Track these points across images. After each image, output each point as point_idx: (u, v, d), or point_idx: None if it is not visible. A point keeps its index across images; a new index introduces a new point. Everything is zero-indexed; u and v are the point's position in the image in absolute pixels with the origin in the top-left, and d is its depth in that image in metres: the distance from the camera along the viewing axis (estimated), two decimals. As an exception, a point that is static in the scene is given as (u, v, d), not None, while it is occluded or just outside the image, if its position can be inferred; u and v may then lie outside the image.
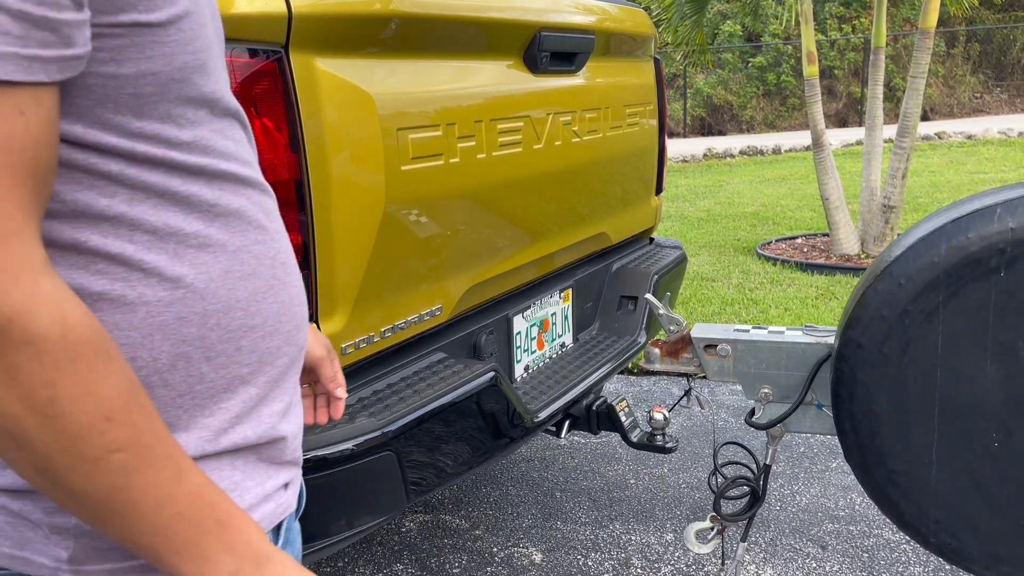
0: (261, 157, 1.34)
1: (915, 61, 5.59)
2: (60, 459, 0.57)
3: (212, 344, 0.68)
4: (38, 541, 0.66)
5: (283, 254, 0.76)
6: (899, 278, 1.51)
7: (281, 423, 0.76)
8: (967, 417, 1.52)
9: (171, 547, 0.61)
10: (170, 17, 0.63)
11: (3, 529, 0.66)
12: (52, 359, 0.55)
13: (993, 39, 17.03)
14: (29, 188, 0.55)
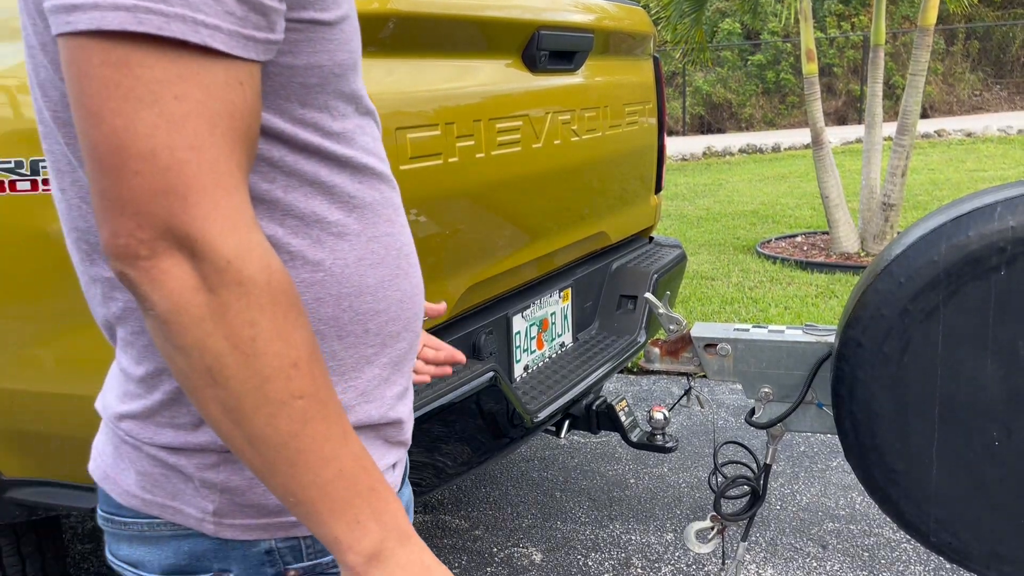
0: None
1: (914, 59, 5.59)
2: (249, 399, 0.61)
3: (344, 324, 0.74)
4: (188, 493, 0.73)
5: (407, 246, 0.82)
6: (899, 277, 1.51)
7: (398, 405, 0.81)
8: (967, 416, 1.52)
9: (328, 504, 0.64)
10: (337, 18, 0.70)
11: (159, 481, 0.74)
12: (257, 301, 0.60)
13: (992, 36, 17.03)
14: (244, 152, 0.62)
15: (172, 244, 0.58)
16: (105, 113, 0.57)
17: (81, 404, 1.49)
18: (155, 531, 0.76)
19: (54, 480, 1.59)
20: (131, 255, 0.59)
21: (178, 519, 0.74)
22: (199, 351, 0.60)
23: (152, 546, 0.76)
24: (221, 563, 0.75)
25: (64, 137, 0.69)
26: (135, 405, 0.74)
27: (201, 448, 0.72)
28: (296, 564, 0.75)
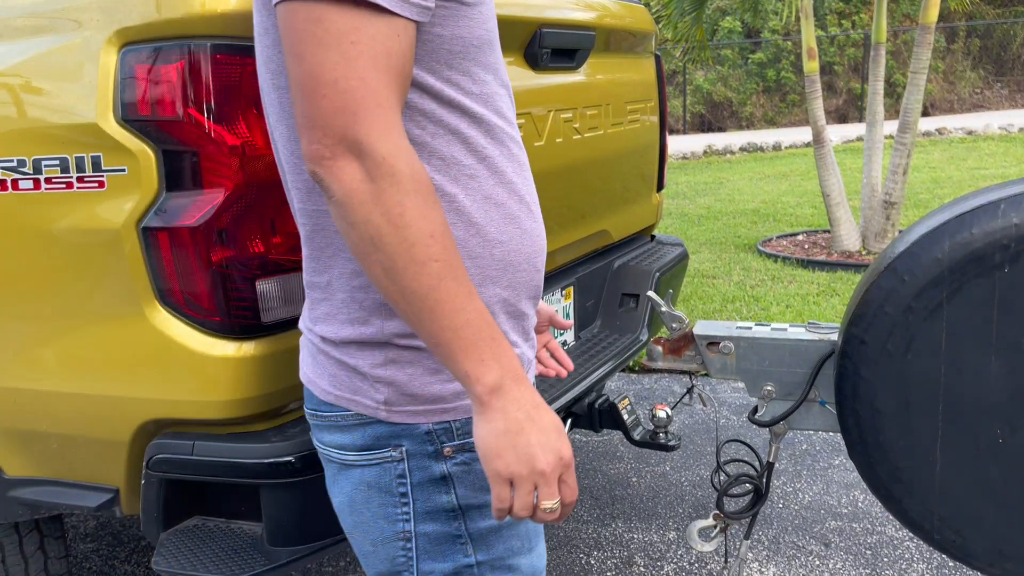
0: (262, 155, 1.33)
1: (916, 56, 5.58)
2: (400, 260, 0.83)
3: (472, 248, 0.95)
4: (366, 388, 0.96)
5: (528, 196, 1.02)
6: (903, 274, 1.50)
7: (512, 332, 1.01)
8: (971, 413, 1.52)
9: (459, 345, 0.85)
10: (476, 1, 0.92)
11: (344, 380, 0.97)
12: (404, 188, 0.82)
13: (993, 34, 17.01)
14: (398, 85, 0.84)
15: (346, 148, 0.82)
16: (305, 55, 0.81)
17: (83, 403, 1.49)
18: (347, 420, 0.99)
19: (56, 479, 1.59)
20: (319, 157, 0.82)
21: (360, 409, 0.97)
22: (364, 225, 0.82)
23: (347, 432, 0.99)
24: (396, 441, 0.97)
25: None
26: (322, 309, 0.98)
27: (369, 342, 0.95)
28: (449, 443, 0.97)
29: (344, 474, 1.01)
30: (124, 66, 1.31)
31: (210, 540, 1.47)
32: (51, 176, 1.39)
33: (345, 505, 1.03)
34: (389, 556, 1.00)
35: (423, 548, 0.99)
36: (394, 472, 0.98)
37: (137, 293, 1.37)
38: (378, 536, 1.00)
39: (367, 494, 0.99)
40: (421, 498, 0.98)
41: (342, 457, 1.01)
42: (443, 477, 0.97)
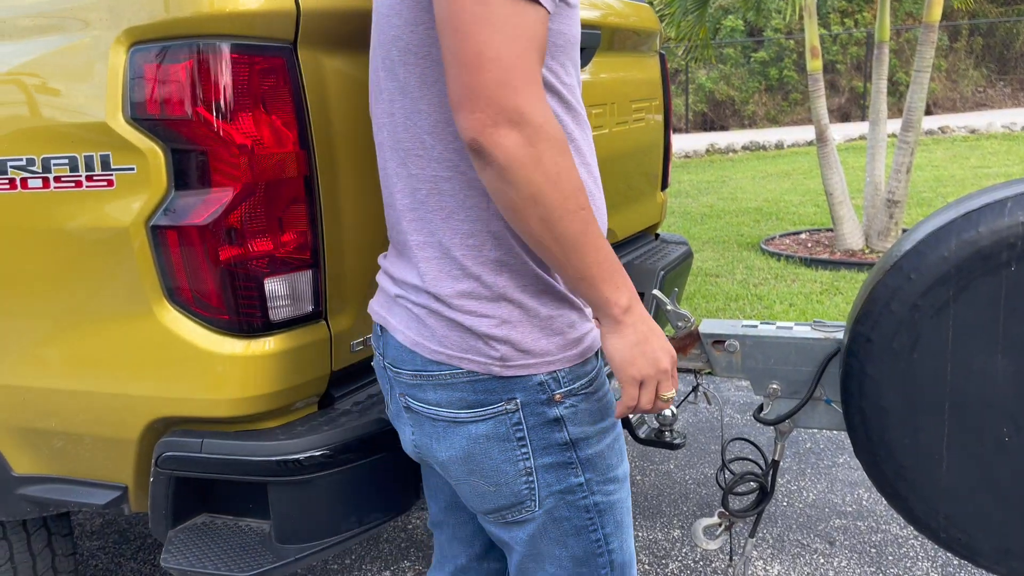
0: (270, 153, 1.34)
1: (919, 55, 5.57)
2: (556, 211, 0.97)
3: None
4: (480, 346, 1.08)
5: (597, 179, 1.19)
6: (909, 272, 1.50)
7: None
8: (978, 411, 1.52)
9: (600, 276, 1.03)
10: (576, 4, 1.08)
11: (454, 340, 1.08)
12: (558, 149, 0.96)
13: (996, 33, 16.98)
14: (540, 64, 0.97)
15: (507, 117, 0.93)
16: (472, 33, 0.92)
17: (92, 400, 1.49)
18: (455, 378, 1.09)
19: (65, 477, 1.60)
20: (482, 126, 0.93)
21: (472, 367, 1.08)
22: (526, 184, 0.95)
23: (455, 390, 1.10)
24: (508, 394, 1.09)
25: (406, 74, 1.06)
26: (433, 268, 1.09)
27: (485, 298, 1.08)
28: (558, 389, 1.11)
29: (453, 430, 1.13)
30: (133, 65, 1.31)
31: (218, 537, 1.48)
32: (60, 175, 1.39)
33: (458, 458, 1.14)
34: (514, 491, 1.15)
35: (542, 478, 1.14)
36: (509, 422, 1.11)
37: (146, 291, 1.38)
38: (501, 478, 1.14)
39: (485, 445, 1.12)
40: (537, 439, 1.12)
41: (452, 415, 1.12)
42: (556, 419, 1.13)
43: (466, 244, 1.08)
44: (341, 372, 1.54)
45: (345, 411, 1.50)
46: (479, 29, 0.92)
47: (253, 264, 1.35)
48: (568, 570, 1.20)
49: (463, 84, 0.93)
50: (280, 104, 1.34)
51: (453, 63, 0.94)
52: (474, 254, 1.08)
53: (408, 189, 1.10)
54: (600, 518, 1.20)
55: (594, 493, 1.18)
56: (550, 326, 1.10)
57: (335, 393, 1.54)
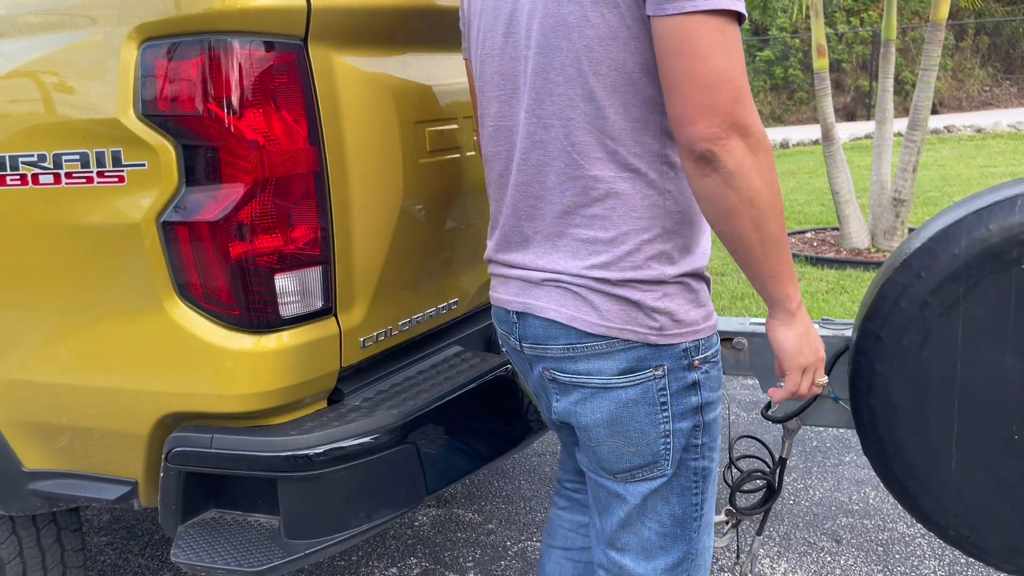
0: (281, 149, 1.34)
1: (926, 54, 5.56)
2: (768, 213, 1.11)
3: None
4: (640, 317, 1.20)
5: None
6: (919, 270, 1.50)
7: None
8: (987, 409, 1.52)
9: (787, 274, 1.19)
10: None
11: (618, 313, 1.20)
12: (770, 158, 1.10)
13: (1002, 32, 16.93)
14: None
15: (736, 130, 1.07)
16: (712, 58, 1.05)
17: (102, 396, 1.50)
18: (611, 347, 1.21)
19: (75, 472, 1.60)
20: (715, 137, 1.06)
21: (631, 336, 1.20)
22: (747, 188, 1.09)
23: (608, 359, 1.22)
24: (656, 361, 1.22)
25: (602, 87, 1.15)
26: (602, 257, 1.19)
27: (649, 281, 1.19)
28: (697, 356, 1.24)
29: (601, 395, 1.25)
30: (144, 62, 1.32)
31: (228, 533, 1.48)
32: (72, 171, 1.40)
33: (603, 421, 1.26)
34: (653, 451, 1.27)
35: (677, 440, 1.27)
36: (656, 387, 1.24)
37: (156, 287, 1.38)
38: (644, 439, 1.26)
39: (632, 409, 1.25)
40: (677, 402, 1.25)
41: (603, 382, 1.24)
42: (694, 383, 1.26)
43: (641, 239, 1.19)
44: (351, 368, 1.54)
45: (355, 407, 1.51)
46: (718, 54, 1.05)
47: (263, 260, 1.36)
48: (667, 527, 1.31)
49: (698, 101, 1.06)
50: (291, 100, 1.34)
51: (687, 82, 1.06)
52: (646, 247, 1.19)
53: (580, 188, 1.19)
54: (703, 483, 1.33)
55: (704, 457, 1.31)
56: (696, 299, 1.24)
57: (344, 389, 1.54)
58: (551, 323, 1.24)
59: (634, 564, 1.33)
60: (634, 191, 1.18)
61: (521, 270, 1.28)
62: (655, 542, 1.31)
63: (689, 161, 1.10)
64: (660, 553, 1.32)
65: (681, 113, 1.08)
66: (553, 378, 1.28)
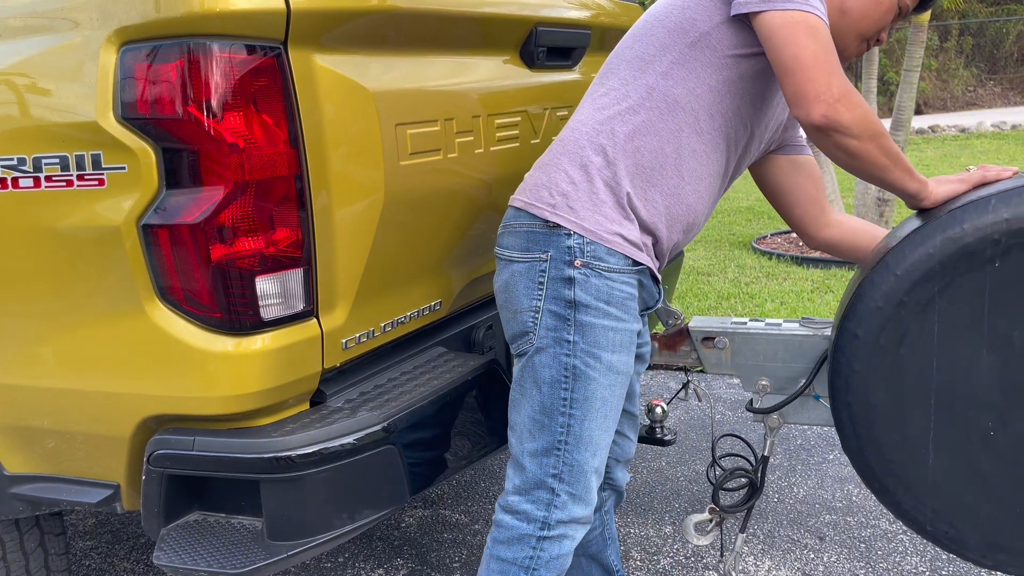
0: (261, 152, 1.35)
1: (908, 55, 5.60)
2: (886, 143, 1.42)
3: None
4: (545, 195, 1.49)
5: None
6: (895, 269, 1.52)
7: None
8: (964, 406, 1.53)
9: (911, 167, 1.47)
10: None
11: (533, 189, 1.51)
12: (866, 113, 1.39)
13: (986, 32, 17.06)
14: None
15: (840, 99, 1.34)
16: (806, 43, 1.35)
17: (84, 399, 1.50)
18: (520, 225, 1.52)
19: (57, 475, 1.60)
20: (830, 109, 1.34)
21: (534, 211, 1.50)
22: (868, 133, 1.38)
23: (515, 236, 1.52)
24: (544, 248, 1.48)
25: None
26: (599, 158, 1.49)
27: (578, 165, 1.49)
28: (580, 257, 1.46)
29: (505, 266, 1.52)
30: (124, 65, 1.32)
31: (211, 535, 1.48)
32: (51, 174, 1.39)
33: (501, 287, 1.53)
34: (522, 321, 1.49)
35: (544, 319, 1.46)
36: (537, 268, 1.46)
37: (137, 290, 1.38)
38: (517, 306, 1.49)
39: (517, 279, 1.49)
40: (551, 287, 1.45)
41: (509, 256, 1.51)
42: (569, 279, 1.44)
43: (610, 127, 1.48)
44: (333, 370, 1.55)
45: (337, 408, 1.51)
46: (808, 41, 1.36)
47: (244, 262, 1.36)
48: (535, 410, 1.49)
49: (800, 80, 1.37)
50: (271, 103, 1.35)
51: (791, 68, 1.37)
52: (608, 139, 1.46)
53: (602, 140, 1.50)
54: (574, 382, 1.46)
55: (576, 357, 1.45)
56: (605, 213, 1.44)
57: (327, 391, 1.54)
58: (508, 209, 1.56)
59: (515, 442, 1.53)
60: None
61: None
62: (526, 424, 1.50)
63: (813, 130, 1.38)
64: (528, 437, 1.50)
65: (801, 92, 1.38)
66: (497, 255, 1.56)
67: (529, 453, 1.50)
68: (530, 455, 1.50)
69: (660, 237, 1.52)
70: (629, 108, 1.48)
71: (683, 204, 1.52)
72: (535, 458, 1.49)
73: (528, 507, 1.50)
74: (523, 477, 1.51)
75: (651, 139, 1.47)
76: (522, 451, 1.51)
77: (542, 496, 1.50)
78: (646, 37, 1.52)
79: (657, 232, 1.51)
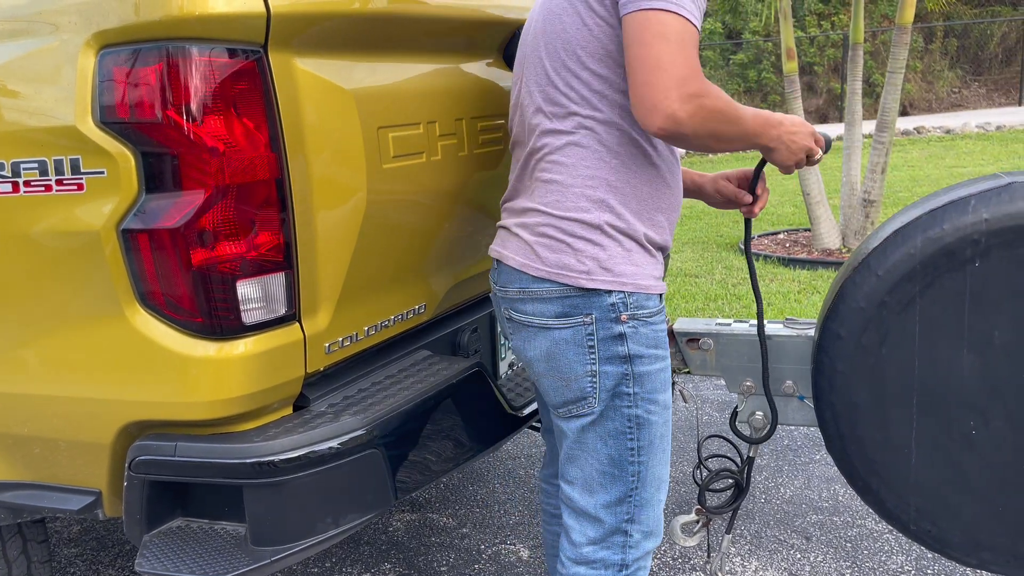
0: (241, 156, 1.34)
1: (893, 56, 5.64)
2: (730, 116, 1.34)
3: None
4: (573, 263, 1.41)
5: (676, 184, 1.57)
6: (876, 270, 1.53)
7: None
8: (945, 405, 1.54)
9: (760, 123, 1.43)
10: None
11: (555, 260, 1.41)
12: (717, 100, 1.31)
13: (970, 34, 17.19)
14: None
15: (690, 97, 1.26)
16: (652, 43, 1.27)
17: (64, 405, 1.49)
18: (550, 293, 1.41)
19: (38, 482, 1.59)
20: (671, 108, 1.25)
21: (565, 280, 1.41)
22: (707, 131, 1.30)
23: (548, 303, 1.42)
24: (587, 310, 1.42)
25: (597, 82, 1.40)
26: (552, 198, 1.41)
27: (588, 224, 1.40)
28: (625, 311, 1.41)
29: (542, 334, 1.44)
30: (102, 69, 1.31)
31: (194, 541, 1.47)
32: (30, 179, 1.38)
33: (542, 356, 1.46)
34: (580, 387, 1.44)
35: (603, 381, 1.43)
36: (584, 332, 1.41)
37: (118, 295, 1.38)
38: (571, 374, 1.43)
39: (563, 347, 1.42)
40: (603, 348, 1.41)
41: (544, 322, 1.43)
42: (620, 335, 1.41)
43: (586, 184, 1.40)
44: (316, 374, 1.54)
45: (320, 413, 1.50)
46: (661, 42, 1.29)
47: (225, 267, 1.35)
48: (604, 466, 1.46)
49: (645, 82, 1.30)
50: (251, 107, 1.34)
51: (640, 68, 1.29)
52: (589, 192, 1.39)
53: (542, 143, 1.44)
54: (638, 431, 1.45)
55: (638, 407, 1.44)
56: (630, 258, 1.41)
57: (310, 395, 1.54)
58: (511, 269, 1.46)
59: (579, 496, 1.49)
60: (586, 141, 1.40)
61: (507, 217, 1.54)
62: (595, 478, 1.47)
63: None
64: (600, 489, 1.47)
65: (642, 96, 1.30)
66: (510, 316, 1.49)
67: (603, 506, 1.47)
68: (604, 507, 1.48)
69: (669, 247, 1.52)
70: (600, 153, 1.40)
71: (677, 204, 1.53)
72: (609, 509, 1.47)
73: (604, 554, 1.49)
74: (599, 529, 1.48)
75: (636, 171, 1.42)
76: (594, 505, 1.48)
77: (617, 540, 1.49)
78: (553, 73, 1.43)
79: (668, 246, 1.51)
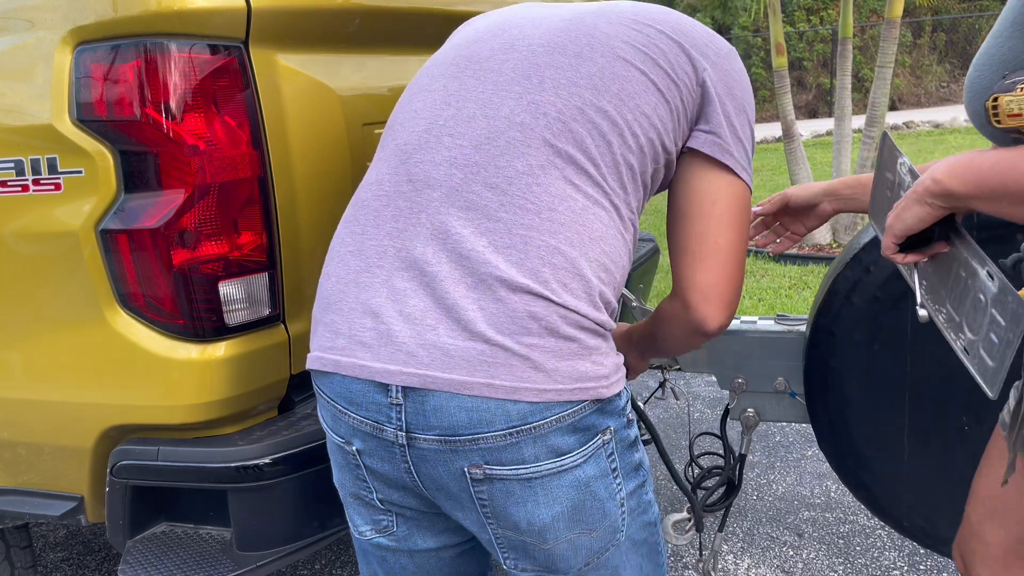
0: (223, 154, 1.31)
1: (882, 51, 5.64)
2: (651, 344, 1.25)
3: None
4: (589, 368, 0.99)
5: None
6: (868, 265, 1.51)
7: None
8: (937, 401, 1.53)
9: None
10: None
11: (566, 370, 0.96)
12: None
13: (959, 28, 17.26)
14: None
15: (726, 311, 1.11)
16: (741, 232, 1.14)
17: (44, 409, 1.46)
18: (561, 420, 0.97)
19: (20, 488, 1.56)
20: (727, 319, 1.09)
21: (582, 396, 0.99)
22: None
23: (559, 434, 0.99)
24: (604, 423, 1.03)
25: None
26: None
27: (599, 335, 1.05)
28: (629, 409, 1.10)
29: (555, 481, 0.97)
30: (79, 66, 1.28)
31: (178, 546, 1.45)
32: (6, 179, 1.36)
33: (565, 513, 0.99)
34: (612, 526, 1.05)
35: (630, 503, 1.08)
36: (605, 454, 1.02)
37: (98, 297, 1.35)
38: (604, 519, 1.04)
39: (593, 488, 1.01)
40: (623, 463, 1.06)
41: (557, 464, 0.97)
42: (634, 440, 1.09)
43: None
44: (301, 376, 1.52)
45: (305, 415, 1.48)
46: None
47: (207, 267, 1.33)
48: (648, 565, 1.13)
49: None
50: (232, 104, 1.32)
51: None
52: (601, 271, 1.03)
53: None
54: (657, 529, 1.15)
55: (652, 505, 1.14)
56: (608, 342, 1.04)
57: (295, 397, 1.52)
58: (486, 402, 0.93)
59: None
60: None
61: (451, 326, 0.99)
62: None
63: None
64: None
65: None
66: (487, 476, 0.96)
67: None
68: None
69: None
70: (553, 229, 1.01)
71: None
72: None
73: None
74: None
75: (608, 241, 1.04)
76: None
77: None
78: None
79: None
